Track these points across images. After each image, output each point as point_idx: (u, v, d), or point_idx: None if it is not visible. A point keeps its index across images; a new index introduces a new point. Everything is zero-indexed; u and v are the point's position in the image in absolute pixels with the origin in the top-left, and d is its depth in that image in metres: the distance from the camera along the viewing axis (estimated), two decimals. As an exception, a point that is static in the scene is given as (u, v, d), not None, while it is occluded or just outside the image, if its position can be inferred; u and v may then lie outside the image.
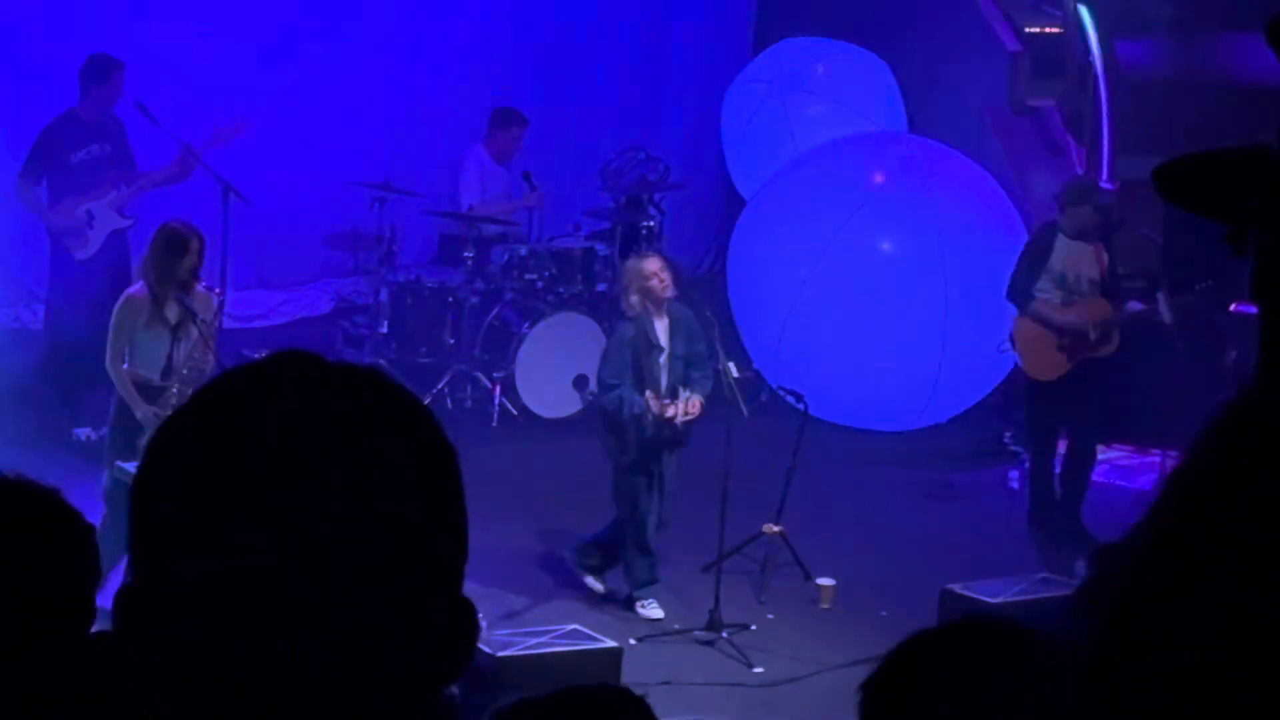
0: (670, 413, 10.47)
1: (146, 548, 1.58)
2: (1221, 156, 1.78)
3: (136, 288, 9.86)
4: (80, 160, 12.78)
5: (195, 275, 9.89)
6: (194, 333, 9.90)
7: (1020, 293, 12.24)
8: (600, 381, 10.95)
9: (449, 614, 1.61)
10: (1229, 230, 1.79)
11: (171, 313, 9.83)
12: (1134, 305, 12.43)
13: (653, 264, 10.72)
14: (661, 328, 10.66)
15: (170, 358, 9.84)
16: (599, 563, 10.91)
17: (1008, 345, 12.43)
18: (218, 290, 9.87)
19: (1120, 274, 12.44)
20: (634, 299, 10.66)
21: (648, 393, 10.50)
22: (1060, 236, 12.16)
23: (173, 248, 9.81)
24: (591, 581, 10.89)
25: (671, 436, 10.65)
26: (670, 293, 10.68)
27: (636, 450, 10.61)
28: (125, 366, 9.81)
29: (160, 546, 1.57)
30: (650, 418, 10.48)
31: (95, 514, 7.97)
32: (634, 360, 10.61)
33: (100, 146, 12.83)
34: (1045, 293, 12.22)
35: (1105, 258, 12.22)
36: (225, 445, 1.55)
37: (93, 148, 12.81)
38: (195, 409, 1.61)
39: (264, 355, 1.65)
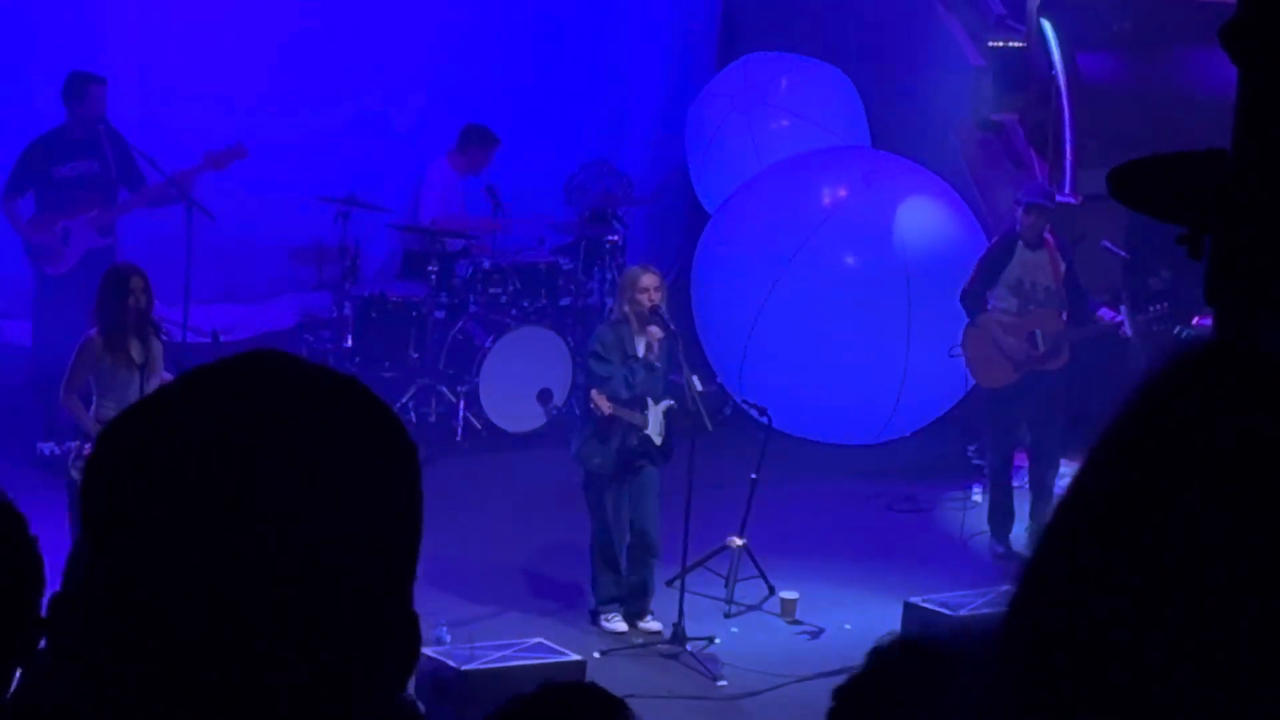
0: (605, 408, 10.43)
1: (93, 547, 1.52)
2: (1175, 161, 1.79)
3: (92, 331, 9.87)
4: (65, 175, 12.71)
5: (147, 312, 9.88)
6: (160, 368, 9.94)
7: (973, 298, 12.33)
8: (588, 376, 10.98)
9: (396, 625, 1.55)
10: (1183, 234, 1.80)
11: (136, 351, 9.84)
12: (1105, 313, 12.47)
13: (650, 279, 10.71)
14: (640, 342, 10.68)
15: (141, 395, 9.82)
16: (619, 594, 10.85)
17: (959, 350, 12.50)
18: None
19: (1083, 287, 12.47)
20: (625, 307, 10.67)
21: (594, 390, 10.53)
22: (1020, 244, 12.25)
23: (115, 288, 9.84)
24: (612, 620, 10.79)
25: (643, 448, 10.63)
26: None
27: (603, 453, 10.59)
28: (93, 410, 9.82)
29: (105, 547, 1.51)
30: (601, 414, 10.47)
31: (58, 529, 7.93)
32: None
33: (89, 163, 12.77)
34: (1003, 300, 12.29)
35: (1061, 265, 12.28)
36: (174, 442, 1.50)
37: (80, 164, 12.74)
38: (146, 407, 1.57)
39: (228, 357, 1.60)
